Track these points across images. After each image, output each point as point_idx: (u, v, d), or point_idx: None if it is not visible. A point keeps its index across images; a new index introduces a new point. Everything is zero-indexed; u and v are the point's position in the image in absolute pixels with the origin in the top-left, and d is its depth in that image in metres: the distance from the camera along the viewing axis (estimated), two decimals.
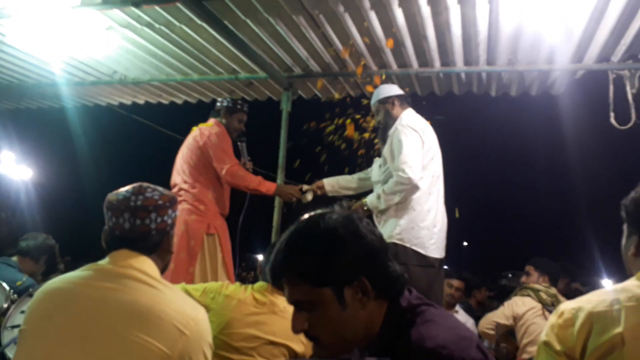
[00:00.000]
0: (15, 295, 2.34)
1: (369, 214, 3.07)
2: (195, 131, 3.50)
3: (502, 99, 4.74)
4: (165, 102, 5.40)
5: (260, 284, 2.30)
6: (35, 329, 1.34)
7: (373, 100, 3.21)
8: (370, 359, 1.07)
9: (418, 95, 4.60)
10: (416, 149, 2.85)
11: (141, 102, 5.47)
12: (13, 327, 2.16)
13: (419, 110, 3.25)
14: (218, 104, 3.58)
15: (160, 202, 1.50)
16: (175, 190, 3.32)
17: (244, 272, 10.69)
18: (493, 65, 4.03)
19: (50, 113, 6.15)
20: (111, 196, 1.51)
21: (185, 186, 3.29)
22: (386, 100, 3.13)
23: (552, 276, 3.51)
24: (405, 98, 3.19)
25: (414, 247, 2.80)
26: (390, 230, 2.83)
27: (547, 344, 1.17)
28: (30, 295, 2.25)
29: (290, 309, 2.23)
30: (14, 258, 3.05)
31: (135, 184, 1.55)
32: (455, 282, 4.04)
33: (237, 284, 2.44)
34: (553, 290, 3.25)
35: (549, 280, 3.46)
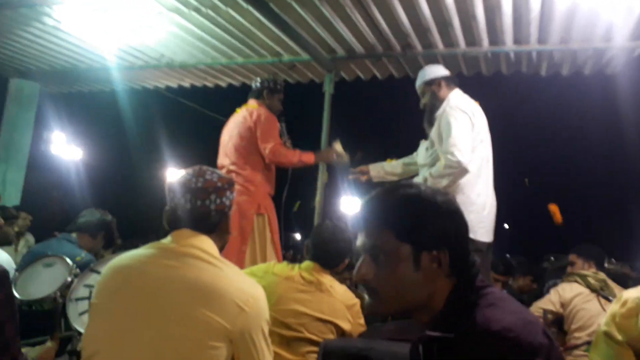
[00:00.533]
0: (78, 270, 2.47)
1: None
2: (240, 113, 3.52)
3: (553, 79, 4.58)
4: (210, 85, 5.50)
5: (307, 263, 2.35)
6: (105, 303, 1.43)
7: (418, 82, 3.15)
8: (432, 333, 1.06)
9: (464, 75, 4.49)
10: (466, 132, 2.79)
11: (187, 85, 5.60)
12: (77, 299, 2.29)
13: (466, 91, 3.17)
14: (257, 84, 3.58)
15: (219, 184, 1.55)
16: (223, 171, 3.39)
17: (283, 251, 10.85)
18: (545, 43, 3.89)
19: (101, 96, 6.38)
20: (173, 178, 1.57)
21: (234, 167, 3.35)
22: (432, 82, 3.06)
23: (598, 261, 3.39)
24: (452, 79, 3.10)
25: None
26: None
27: (607, 334, 1.14)
28: (92, 270, 2.37)
29: (336, 286, 2.30)
30: (73, 234, 3.16)
31: (195, 167, 1.60)
32: (495, 276, 3.98)
33: (285, 263, 2.50)
34: (601, 275, 3.15)
35: (595, 265, 3.35)
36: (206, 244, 1.50)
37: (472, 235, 2.75)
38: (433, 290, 1.08)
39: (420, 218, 1.07)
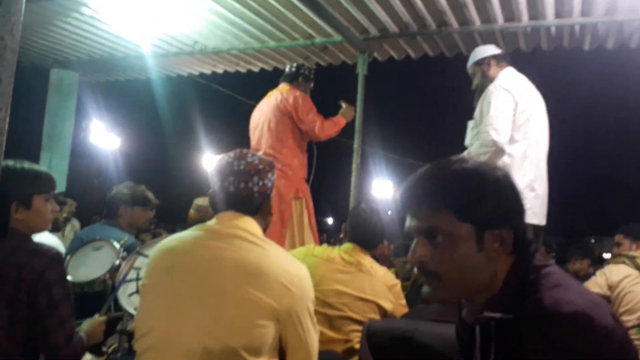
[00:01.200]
0: (125, 253, 2.55)
1: None
2: (273, 96, 3.50)
3: (596, 53, 4.38)
4: (242, 70, 5.53)
5: (346, 245, 2.36)
6: (156, 284, 1.47)
7: (469, 63, 3.07)
8: (490, 314, 0.98)
9: (522, 52, 4.36)
10: (505, 111, 2.71)
11: (220, 71, 5.64)
12: (126, 281, 2.37)
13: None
14: (293, 69, 3.56)
15: (260, 166, 1.57)
16: (261, 154, 3.39)
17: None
18: (588, 16, 3.72)
19: (137, 84, 6.51)
20: (216, 161, 1.59)
21: (271, 151, 3.35)
22: (482, 62, 2.98)
23: None
24: (504, 57, 3.01)
25: None
26: None
27: None
28: (139, 253, 2.45)
29: (376, 267, 2.30)
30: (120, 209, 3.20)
31: (236, 150, 1.62)
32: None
33: (324, 245, 2.53)
34: None
35: None
36: (250, 225, 1.52)
37: None
38: (494, 272, 1.01)
39: (482, 194, 1.00)
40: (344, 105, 3.72)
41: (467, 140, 3.09)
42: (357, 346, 2.04)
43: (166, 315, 1.39)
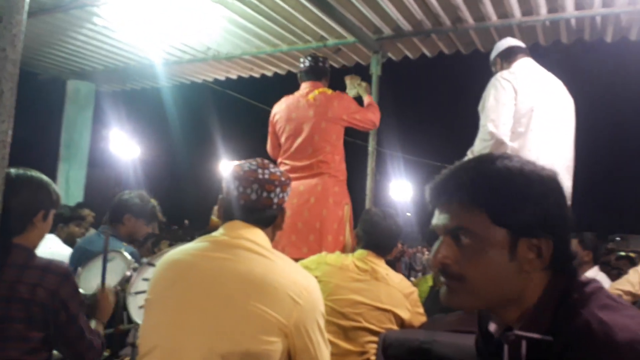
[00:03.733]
0: (136, 264, 2.52)
1: None
2: (315, 99, 3.18)
3: (619, 45, 4.22)
4: (256, 75, 5.50)
5: (360, 252, 2.28)
6: (159, 299, 1.42)
7: (492, 56, 2.98)
8: (525, 333, 0.87)
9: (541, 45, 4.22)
10: (503, 101, 2.57)
11: (234, 76, 5.62)
12: (137, 293, 2.33)
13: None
14: (320, 63, 3.30)
15: (282, 178, 1.51)
16: (312, 162, 3.13)
17: None
18: (611, 6, 3.58)
19: (152, 93, 6.57)
20: (237, 167, 1.52)
21: (323, 157, 3.11)
22: (500, 55, 2.90)
23: None
24: (523, 49, 2.91)
25: None
26: None
27: None
28: (150, 264, 2.41)
29: (392, 274, 2.21)
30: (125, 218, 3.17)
31: (257, 158, 1.56)
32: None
33: (337, 252, 2.44)
34: None
35: None
36: (258, 236, 1.46)
37: None
38: (526, 284, 0.90)
39: (522, 198, 0.88)
40: (349, 81, 3.63)
41: None
42: (373, 358, 1.96)
43: (168, 332, 1.34)
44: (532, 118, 2.63)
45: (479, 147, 2.64)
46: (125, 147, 9.97)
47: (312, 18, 4.05)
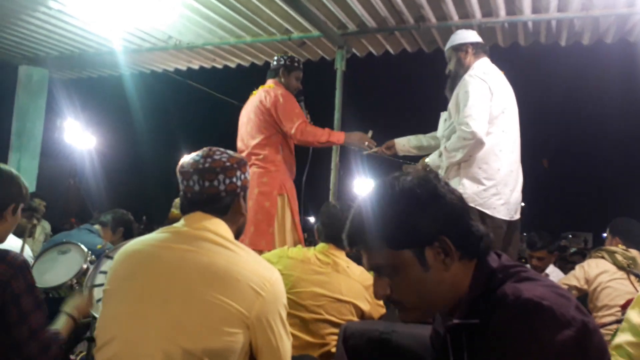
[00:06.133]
0: (93, 257, 2.45)
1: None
2: (257, 94, 3.41)
3: (573, 49, 4.40)
4: (219, 66, 5.41)
5: (321, 245, 2.30)
6: (118, 289, 1.39)
7: (447, 47, 3.00)
8: (456, 321, 1.00)
9: (500, 47, 4.34)
10: (483, 101, 2.63)
11: (196, 67, 5.51)
12: (93, 286, 2.27)
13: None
14: (274, 62, 3.49)
15: (227, 164, 1.48)
16: (244, 154, 3.31)
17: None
18: (565, 11, 3.73)
19: (110, 81, 6.34)
20: (182, 161, 1.51)
21: (255, 150, 3.28)
22: (459, 48, 2.89)
23: (626, 236, 3.23)
24: (482, 46, 2.94)
25: (479, 208, 2.65)
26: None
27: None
28: (108, 257, 2.34)
29: (353, 267, 2.24)
30: (95, 226, 3.24)
31: (205, 148, 1.54)
32: (535, 254, 3.80)
33: (299, 246, 2.46)
34: (632, 253, 3.01)
35: (622, 241, 3.21)
36: (220, 227, 1.44)
37: (489, 212, 2.66)
38: (453, 280, 1.02)
39: (407, 219, 1.01)
40: (369, 135, 3.40)
41: (439, 132, 3.04)
42: (334, 350, 1.98)
43: (128, 323, 1.31)
44: (503, 119, 2.71)
45: (457, 145, 2.66)
46: (80, 138, 9.61)
47: (277, 10, 4.03)
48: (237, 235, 1.52)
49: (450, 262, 1.01)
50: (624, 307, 2.15)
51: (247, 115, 3.40)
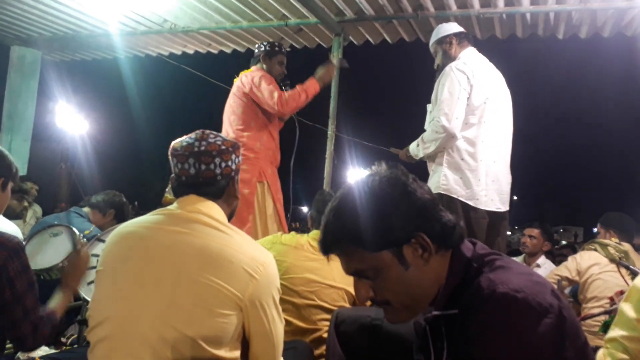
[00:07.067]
0: (85, 240, 2.44)
1: (413, 161, 2.97)
2: (238, 80, 3.41)
3: (570, 42, 4.40)
4: (214, 51, 5.36)
5: (315, 232, 2.30)
6: (111, 271, 1.38)
7: (431, 42, 3.00)
8: (435, 312, 1.01)
9: (478, 39, 4.32)
10: (457, 94, 2.63)
11: (191, 51, 5.46)
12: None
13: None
14: (256, 50, 3.48)
15: (223, 147, 1.48)
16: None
17: (293, 223, 10.94)
18: (563, 3, 3.72)
19: (104, 64, 6.25)
20: (175, 143, 1.50)
21: (234, 135, 3.25)
22: (443, 40, 2.89)
23: (620, 230, 3.25)
24: (465, 35, 2.92)
25: (460, 198, 2.64)
26: (437, 180, 2.68)
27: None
28: (99, 240, 2.34)
29: None
30: (85, 209, 3.18)
31: (197, 131, 1.53)
32: (528, 231, 3.85)
33: (292, 233, 2.45)
34: (625, 247, 3.04)
35: (616, 234, 3.23)
36: (214, 210, 1.44)
37: (472, 203, 2.66)
38: (435, 273, 1.03)
39: (381, 220, 1.00)
40: (331, 59, 3.52)
41: (426, 124, 3.05)
42: (326, 335, 1.98)
43: (121, 304, 1.31)
44: (485, 110, 2.71)
45: (430, 137, 2.73)
46: (73, 121, 9.50)
47: None
48: (230, 218, 1.52)
49: (429, 256, 1.02)
50: (612, 299, 2.18)
51: (228, 102, 3.40)
